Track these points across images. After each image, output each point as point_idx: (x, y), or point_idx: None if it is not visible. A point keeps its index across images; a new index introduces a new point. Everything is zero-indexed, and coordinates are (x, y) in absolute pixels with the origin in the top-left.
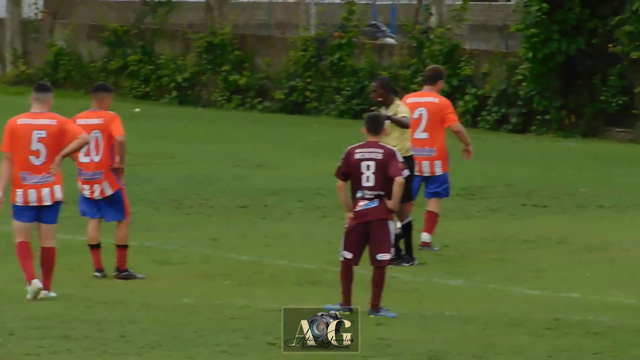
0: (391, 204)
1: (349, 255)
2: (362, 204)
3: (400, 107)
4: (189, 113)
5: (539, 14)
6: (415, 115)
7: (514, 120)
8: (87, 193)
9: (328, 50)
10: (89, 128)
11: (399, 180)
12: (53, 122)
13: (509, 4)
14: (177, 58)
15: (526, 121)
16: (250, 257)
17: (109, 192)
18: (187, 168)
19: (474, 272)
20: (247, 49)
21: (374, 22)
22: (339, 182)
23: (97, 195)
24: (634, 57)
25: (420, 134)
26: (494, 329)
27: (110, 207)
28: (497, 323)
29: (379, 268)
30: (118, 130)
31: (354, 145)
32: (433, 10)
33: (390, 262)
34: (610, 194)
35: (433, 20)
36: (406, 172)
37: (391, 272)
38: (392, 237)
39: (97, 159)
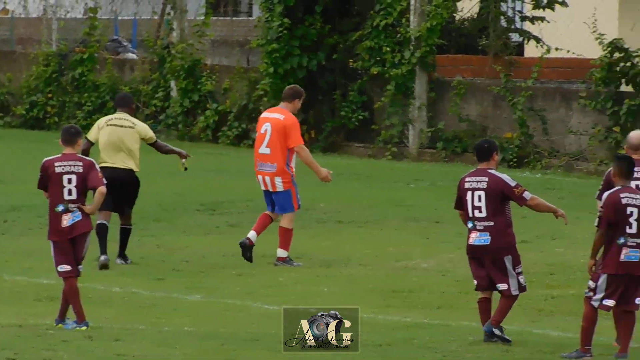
0: (89, 208)
1: (67, 268)
2: (67, 218)
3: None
4: None
5: (280, 29)
6: (262, 131)
7: (254, 135)
8: None
9: (69, 65)
10: None
11: (100, 189)
12: None
13: (250, 20)
14: None
15: None
16: None
17: None
18: None
19: (213, 287)
20: None
21: (115, 37)
22: (46, 193)
23: None
24: (374, 72)
25: (264, 149)
26: (233, 344)
27: None
28: (235, 338)
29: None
30: None
31: (51, 158)
32: (174, 25)
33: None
34: (349, 210)
35: (175, 35)
36: (104, 180)
37: (130, 287)
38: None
39: None
